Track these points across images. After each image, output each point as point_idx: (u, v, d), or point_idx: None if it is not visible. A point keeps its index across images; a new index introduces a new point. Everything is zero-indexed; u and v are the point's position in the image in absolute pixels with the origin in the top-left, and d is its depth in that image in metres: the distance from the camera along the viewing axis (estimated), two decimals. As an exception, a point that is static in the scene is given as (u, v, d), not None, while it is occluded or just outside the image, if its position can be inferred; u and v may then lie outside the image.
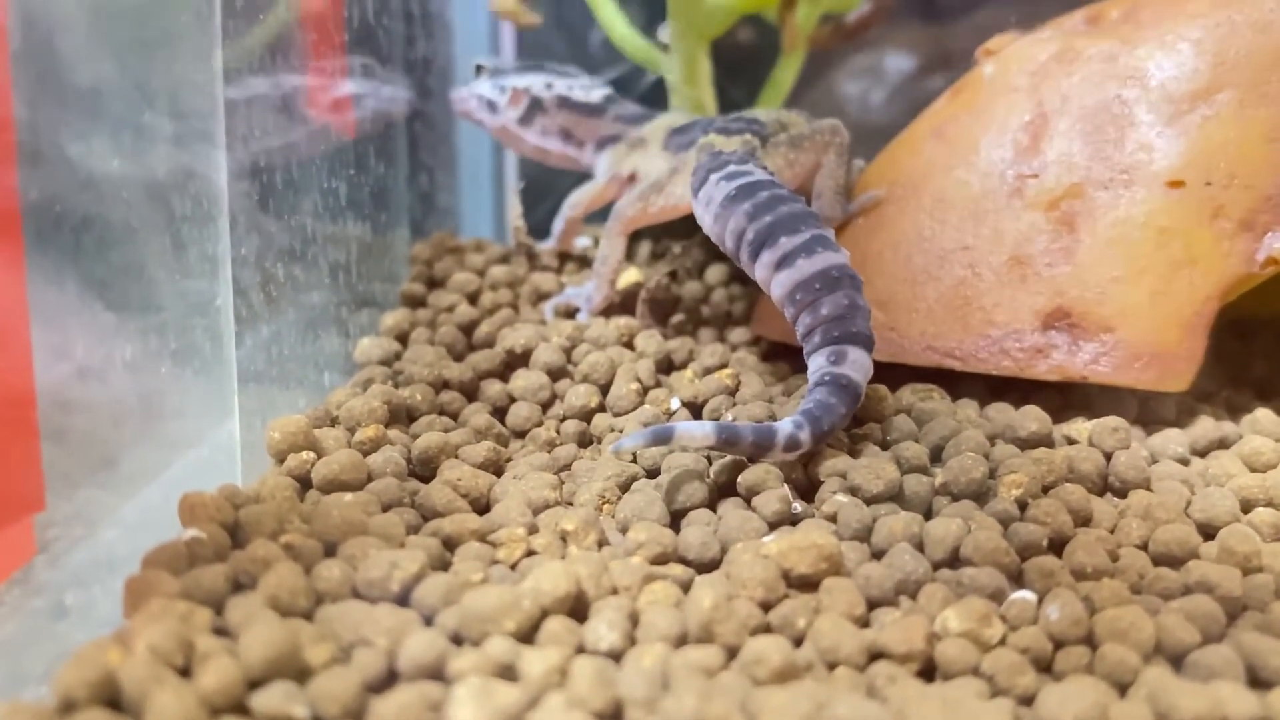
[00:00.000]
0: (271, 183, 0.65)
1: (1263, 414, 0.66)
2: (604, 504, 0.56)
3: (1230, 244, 0.64)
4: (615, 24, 0.89)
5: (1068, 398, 0.67)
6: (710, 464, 0.58)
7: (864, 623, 0.47)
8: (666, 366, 0.71)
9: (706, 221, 0.65)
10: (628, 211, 0.74)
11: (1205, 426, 0.65)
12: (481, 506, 0.56)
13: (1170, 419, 0.66)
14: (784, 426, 0.55)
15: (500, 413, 0.68)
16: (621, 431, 0.63)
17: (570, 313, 0.77)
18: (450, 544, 0.51)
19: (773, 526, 0.54)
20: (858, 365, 0.58)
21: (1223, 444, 0.64)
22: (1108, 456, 0.60)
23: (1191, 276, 0.64)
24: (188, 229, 0.61)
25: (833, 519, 0.53)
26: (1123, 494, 0.58)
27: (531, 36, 1.11)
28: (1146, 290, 0.64)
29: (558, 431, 0.65)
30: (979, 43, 0.80)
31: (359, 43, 0.78)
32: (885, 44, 1.15)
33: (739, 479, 0.56)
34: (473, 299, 0.80)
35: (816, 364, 0.58)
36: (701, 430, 0.54)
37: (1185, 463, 0.62)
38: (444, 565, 0.50)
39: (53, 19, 0.54)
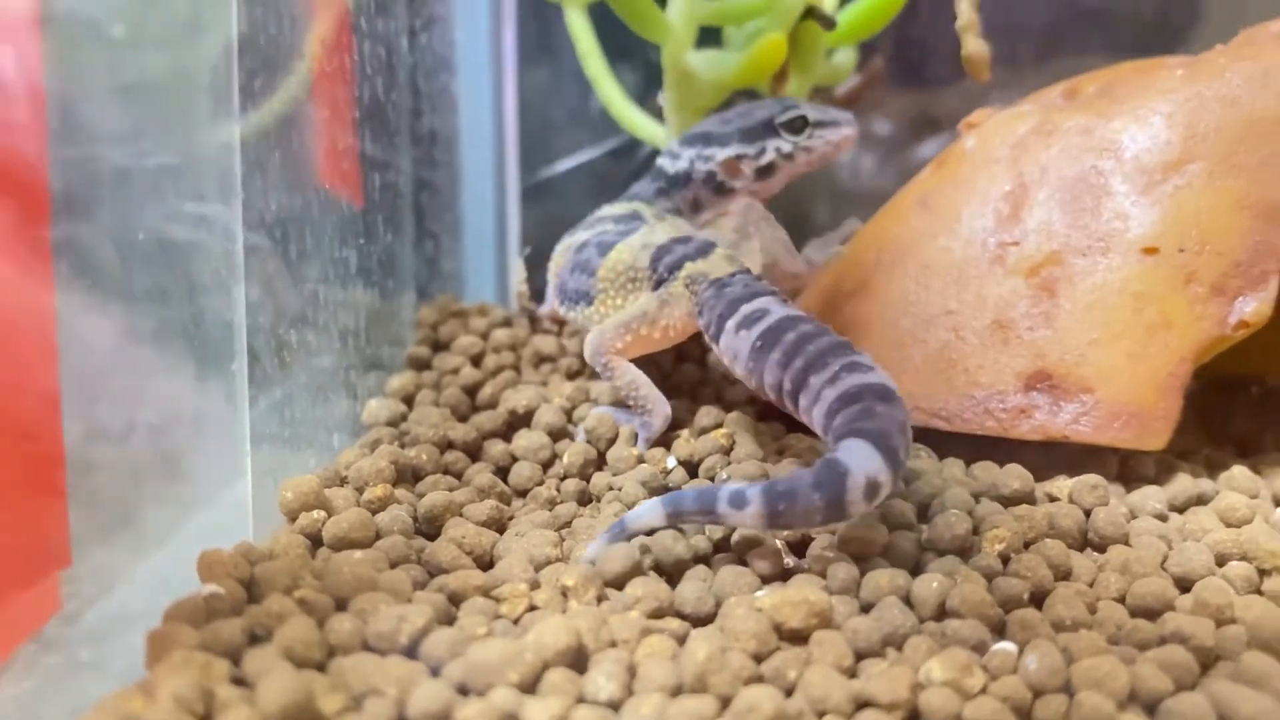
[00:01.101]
0: (286, 252, 0.68)
1: (1239, 471, 0.68)
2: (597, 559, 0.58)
3: (1203, 308, 0.67)
4: (614, 98, 0.93)
5: (1050, 456, 0.70)
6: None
7: (852, 673, 0.49)
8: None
9: (738, 372, 0.65)
10: (615, 343, 0.71)
11: (1184, 483, 0.67)
12: (485, 563, 0.58)
13: (1150, 476, 0.69)
14: (730, 485, 0.55)
15: (503, 472, 0.70)
16: (620, 490, 0.65)
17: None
18: (455, 599, 0.53)
19: (766, 581, 0.56)
20: (851, 450, 0.54)
21: (1200, 500, 0.66)
22: (1087, 513, 0.62)
23: (1166, 339, 0.67)
24: (206, 297, 0.64)
25: (823, 574, 0.56)
26: (1102, 549, 0.60)
27: (533, 103, 1.15)
28: (1124, 353, 0.67)
29: (558, 490, 0.67)
30: (964, 109, 0.84)
31: (369, 117, 0.81)
32: (874, 112, 1.19)
33: (733, 537, 0.58)
34: (476, 361, 0.82)
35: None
36: (649, 510, 0.56)
37: (1163, 519, 0.64)
38: (450, 619, 0.52)
39: (86, 100, 0.58)
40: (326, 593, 0.51)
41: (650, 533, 0.57)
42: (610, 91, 0.94)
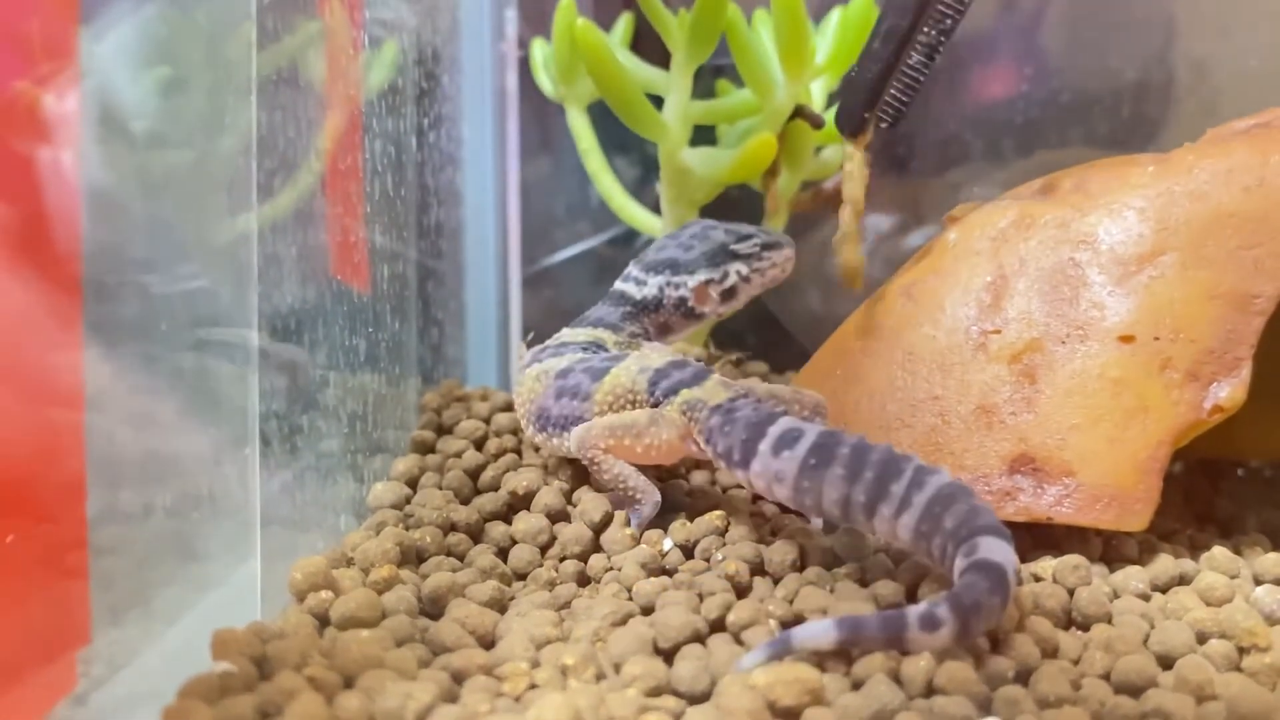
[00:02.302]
0: (299, 341, 0.71)
1: (1219, 551, 0.70)
2: (598, 640, 0.60)
3: (1179, 393, 0.70)
4: (613, 192, 0.97)
5: (1036, 537, 0.72)
6: (702, 600, 0.63)
7: (843, 749, 0.51)
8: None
9: (780, 494, 0.64)
10: (599, 445, 0.71)
11: (1165, 564, 0.69)
12: (488, 642, 0.60)
13: (1133, 557, 0.71)
14: (917, 607, 0.55)
15: (504, 552, 0.72)
16: (620, 571, 0.67)
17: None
18: (459, 677, 0.55)
19: (760, 659, 0.57)
20: (992, 547, 0.56)
21: (1182, 580, 0.68)
22: (1071, 592, 0.64)
23: (1145, 423, 0.70)
24: (222, 385, 0.66)
25: (815, 652, 0.57)
26: (1086, 627, 0.62)
27: (535, 196, 1.19)
28: (1103, 436, 0.70)
29: (557, 571, 0.69)
30: (948, 201, 0.87)
31: (378, 211, 0.85)
32: (867, 203, 1.22)
33: (729, 616, 0.60)
34: (479, 445, 0.85)
35: (956, 569, 0.57)
36: (822, 631, 0.54)
37: (1146, 598, 0.66)
38: (453, 697, 0.53)
39: (115, 193, 0.61)
40: (335, 670, 0.53)
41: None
42: (609, 186, 0.98)
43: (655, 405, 0.72)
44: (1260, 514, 0.83)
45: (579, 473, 0.78)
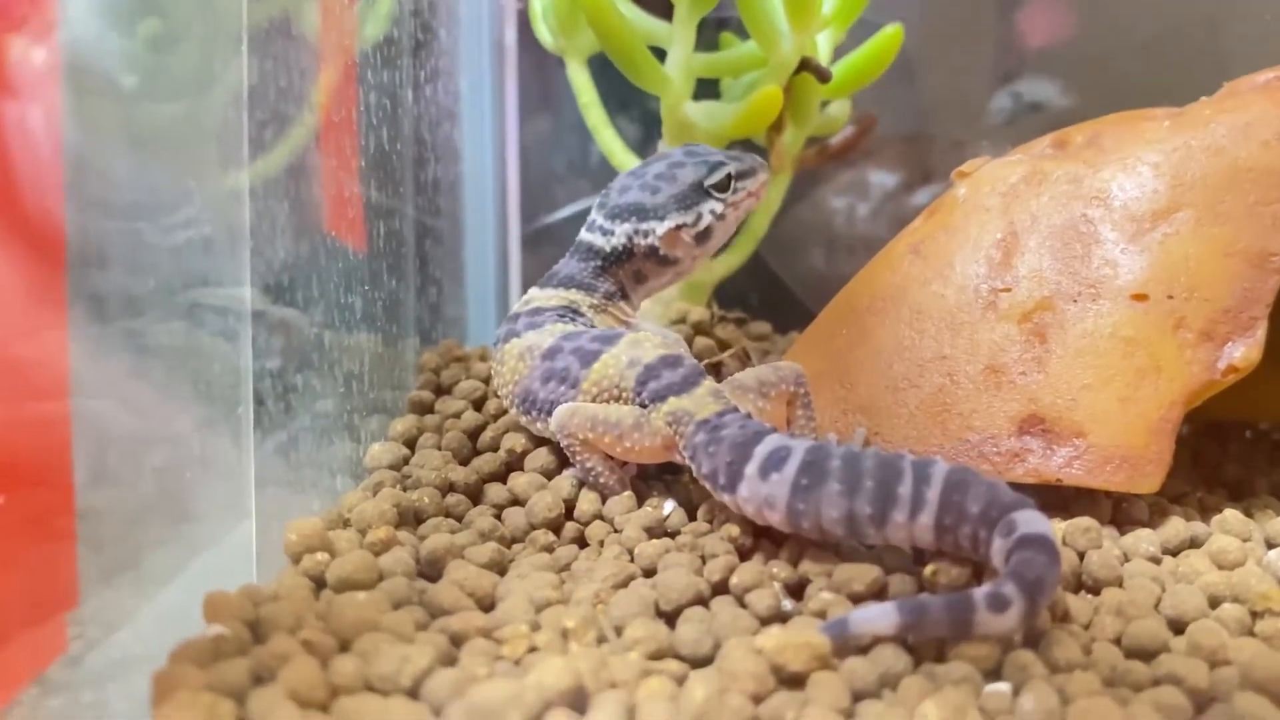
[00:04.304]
0: (293, 299, 0.69)
1: (1231, 514, 0.69)
2: (599, 602, 0.59)
3: (1192, 353, 0.68)
4: (614, 148, 0.95)
5: (1045, 500, 0.70)
6: (704, 563, 0.61)
7: (849, 714, 0.49)
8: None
9: (773, 519, 0.60)
10: (577, 434, 0.69)
11: (1176, 527, 0.68)
12: (487, 605, 0.59)
13: (1143, 519, 0.70)
14: (981, 589, 0.52)
15: (503, 513, 0.71)
16: (621, 533, 0.66)
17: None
18: (457, 640, 0.54)
19: (764, 622, 0.56)
20: (1029, 520, 0.54)
21: (1193, 543, 0.67)
22: (1081, 555, 0.63)
23: (1157, 384, 0.68)
24: (215, 342, 0.65)
25: (821, 615, 0.56)
26: (1096, 591, 0.61)
27: (534, 152, 1.17)
28: (1115, 397, 0.68)
29: (557, 534, 0.68)
30: (956, 160, 0.85)
31: (374, 166, 0.83)
32: (870, 161, 1.21)
33: (732, 579, 0.59)
34: (478, 405, 0.83)
35: (998, 550, 0.55)
36: (882, 616, 0.52)
37: (1156, 561, 0.65)
38: (451, 661, 0.52)
39: (100, 150, 0.59)
40: (330, 634, 0.52)
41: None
42: (610, 141, 0.96)
43: (642, 406, 0.68)
44: (1270, 477, 0.82)
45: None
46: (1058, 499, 0.70)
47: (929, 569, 0.58)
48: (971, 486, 0.57)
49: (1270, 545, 0.67)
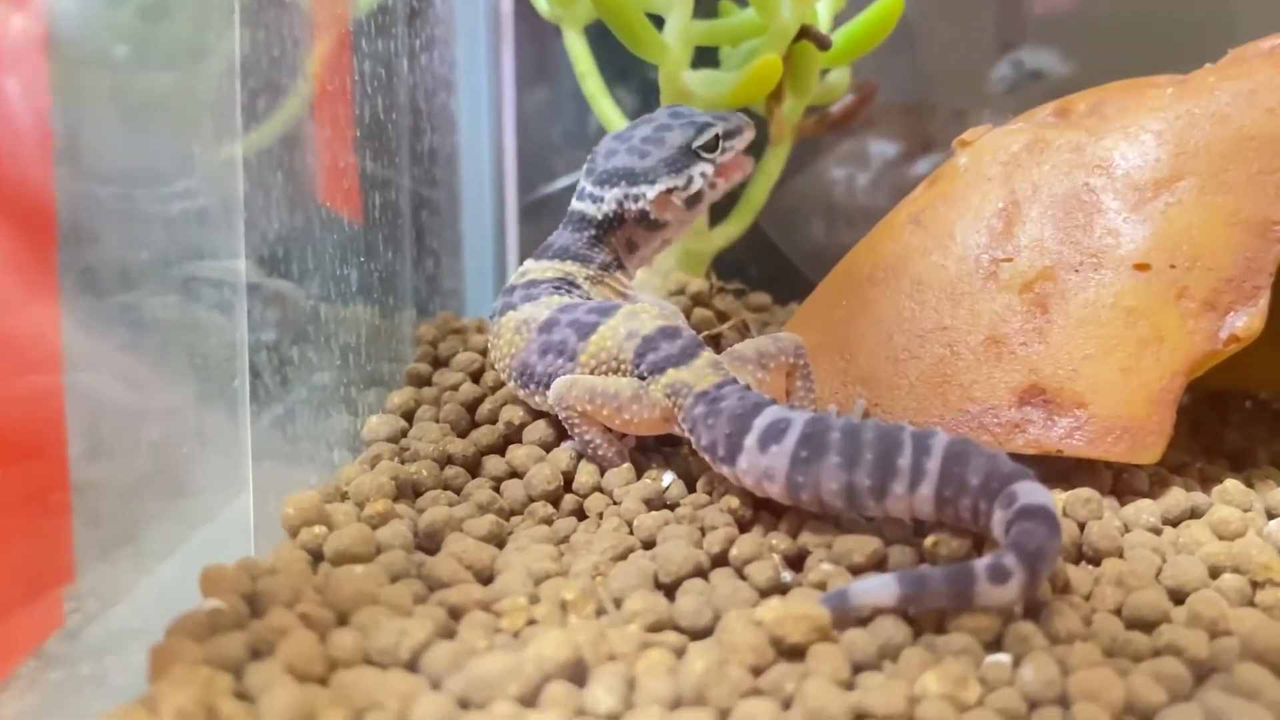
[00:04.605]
0: (288, 271, 0.69)
1: (1231, 484, 0.69)
2: (598, 574, 0.59)
3: (1195, 323, 0.68)
4: (611, 117, 0.94)
5: (1045, 470, 0.70)
6: (704, 535, 0.61)
7: (849, 686, 0.49)
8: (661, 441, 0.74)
9: (772, 490, 0.60)
10: (576, 406, 0.68)
11: (1177, 497, 0.68)
12: (485, 577, 0.59)
13: (1143, 490, 0.69)
14: (982, 561, 0.52)
15: (502, 486, 0.70)
16: (620, 504, 0.66)
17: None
18: (456, 613, 0.54)
19: (764, 594, 0.56)
20: (1029, 491, 0.54)
21: (1194, 514, 0.67)
22: (1081, 526, 0.63)
23: (1159, 354, 0.68)
24: (210, 315, 0.64)
25: (821, 587, 0.56)
26: (1096, 562, 0.61)
27: (532, 122, 1.16)
28: (1116, 367, 0.68)
29: (555, 506, 0.68)
30: (957, 129, 0.85)
31: (369, 136, 0.82)
32: (869, 131, 1.20)
33: (731, 551, 0.59)
34: (475, 377, 0.83)
35: (998, 522, 0.54)
36: (882, 588, 0.52)
37: (1157, 532, 0.65)
38: (450, 633, 0.52)
39: (90, 122, 0.58)
40: (328, 607, 0.52)
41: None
42: (608, 110, 0.95)
43: (640, 378, 0.68)
44: (1270, 447, 0.81)
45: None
46: (1058, 470, 0.70)
47: (929, 540, 0.58)
48: (971, 458, 0.56)
49: (1271, 515, 0.67)
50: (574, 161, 1.15)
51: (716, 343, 0.86)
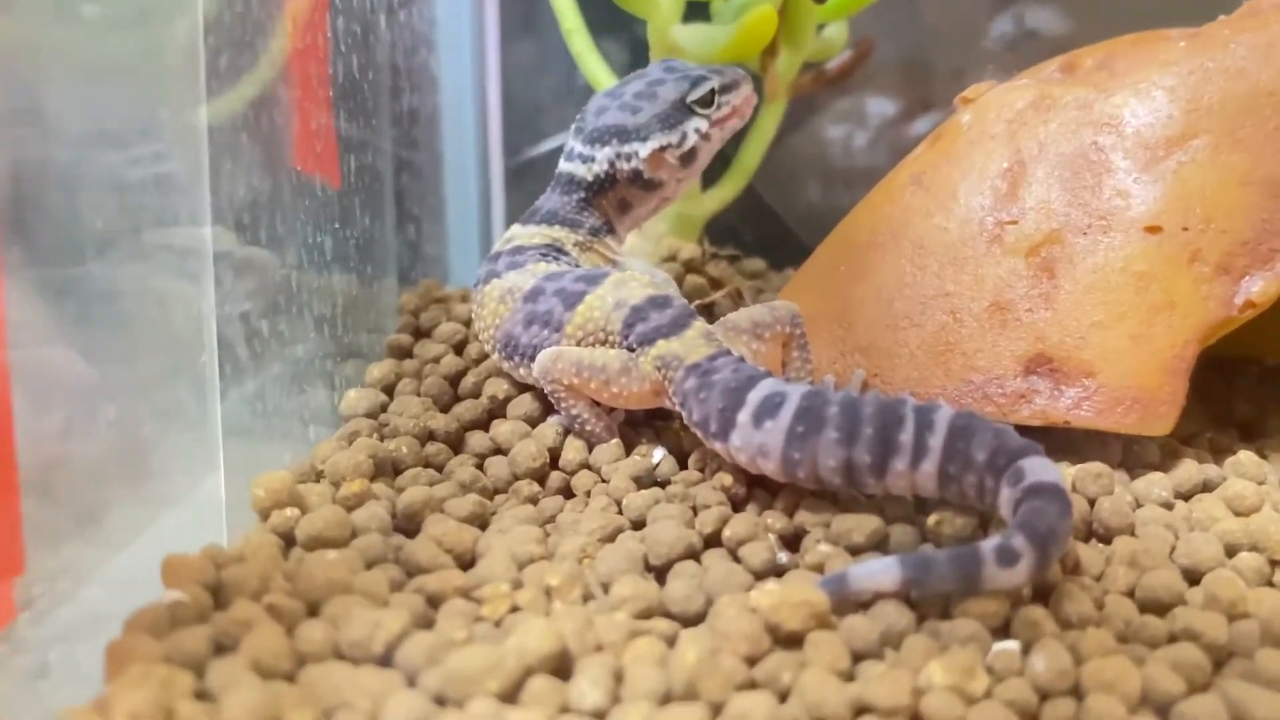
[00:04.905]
0: (257, 238, 0.65)
1: (1245, 456, 0.66)
2: (585, 557, 0.56)
3: (1208, 288, 0.65)
4: (600, 76, 0.90)
5: (1052, 442, 0.67)
6: (696, 514, 0.58)
7: (849, 676, 0.47)
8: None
9: (767, 467, 0.57)
10: (562, 379, 0.65)
11: (1189, 470, 0.65)
12: (466, 562, 0.56)
13: (1154, 462, 0.67)
14: (989, 542, 0.49)
15: (485, 463, 0.68)
16: (609, 484, 0.63)
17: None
18: (434, 601, 0.51)
19: (759, 577, 0.54)
20: (1038, 468, 0.51)
21: (1206, 487, 0.64)
22: (1091, 502, 0.60)
23: (1171, 320, 0.65)
24: (172, 285, 0.61)
25: (819, 569, 0.53)
26: (1107, 540, 0.58)
27: (517, 81, 1.12)
28: (1127, 334, 0.65)
29: (541, 484, 0.65)
30: (956, 87, 0.81)
31: (344, 96, 0.78)
32: (867, 89, 1.16)
33: (725, 531, 0.56)
34: (459, 349, 0.80)
35: (1005, 500, 0.52)
36: (883, 571, 0.49)
37: (1169, 507, 0.62)
38: (428, 623, 0.49)
39: (44, 81, 0.55)
40: (298, 597, 0.49)
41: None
42: (595, 69, 0.91)
43: (629, 349, 0.65)
44: (1281, 415, 0.79)
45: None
46: (1065, 441, 0.67)
47: (933, 519, 0.55)
48: (977, 432, 0.54)
49: (1287, 488, 0.64)
50: (561, 122, 1.11)
51: (709, 311, 0.82)
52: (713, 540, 0.57)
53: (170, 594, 0.48)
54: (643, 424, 0.70)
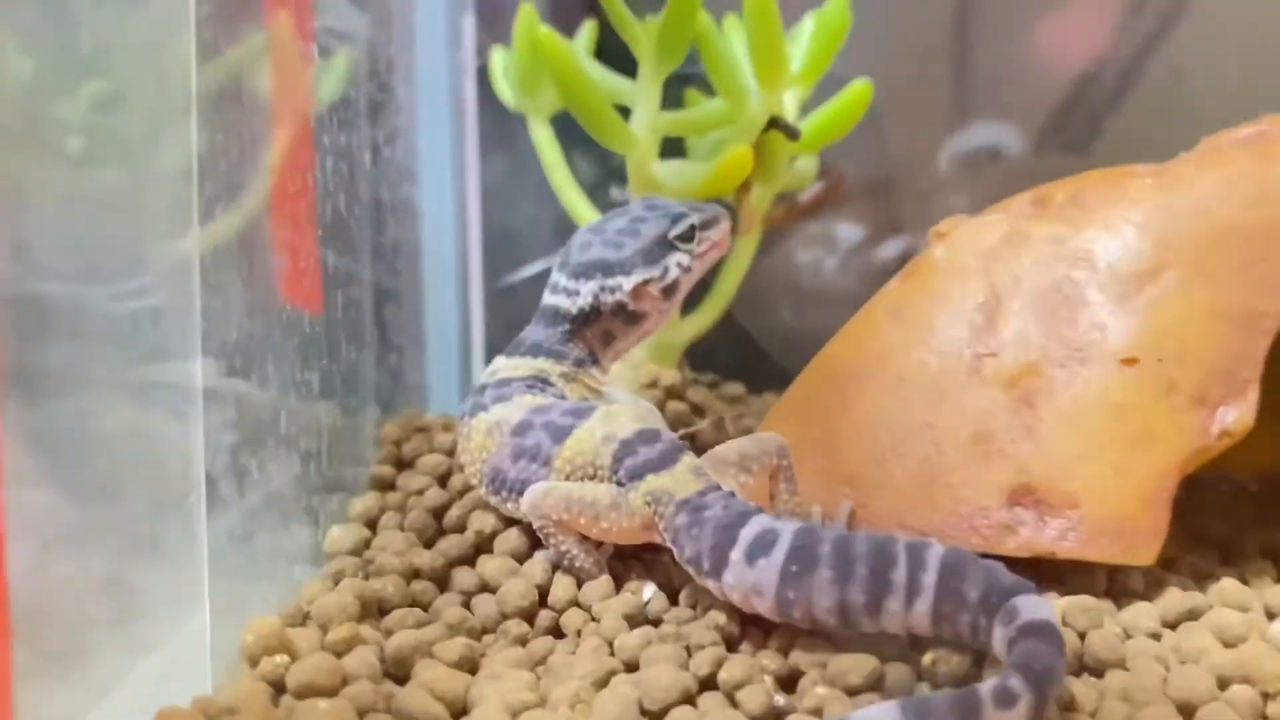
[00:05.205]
0: (247, 376, 0.65)
1: (1229, 584, 0.67)
2: (579, 702, 0.55)
3: (1185, 418, 0.66)
4: (578, 208, 0.92)
5: (1038, 570, 0.67)
6: (690, 655, 0.58)
7: (854, 827, 0.46)
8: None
9: (760, 606, 0.57)
10: (551, 515, 0.65)
11: (1174, 598, 0.65)
12: (458, 710, 0.55)
13: (1139, 590, 0.67)
14: (987, 684, 0.49)
15: (472, 601, 0.67)
16: (599, 622, 0.62)
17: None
18: (429, 755, 0.50)
19: (757, 723, 0.53)
20: (1031, 606, 0.52)
21: (1192, 615, 0.64)
22: (1081, 636, 0.60)
23: (1151, 451, 0.66)
24: (163, 430, 0.61)
25: (817, 714, 0.53)
26: (1099, 673, 0.58)
27: (496, 210, 1.14)
28: (1108, 465, 0.66)
29: (530, 624, 0.64)
30: (923, 210, 0.83)
31: (332, 233, 0.79)
32: (836, 214, 1.19)
33: (720, 674, 0.56)
34: (442, 481, 0.79)
35: (999, 639, 0.52)
36: (883, 715, 0.49)
37: (1157, 638, 0.62)
38: (424, 778, 0.49)
39: (29, 213, 0.55)
40: (291, 753, 0.48)
41: None
42: (575, 202, 0.94)
43: (619, 484, 0.65)
44: (1259, 536, 0.79)
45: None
46: (1051, 570, 0.67)
47: (928, 658, 0.55)
48: (969, 570, 0.54)
49: (1271, 615, 0.65)
50: (541, 249, 1.13)
51: (692, 440, 0.83)
52: (708, 682, 0.56)
53: (162, 753, 0.47)
54: (630, 557, 0.70)
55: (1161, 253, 0.69)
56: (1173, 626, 0.64)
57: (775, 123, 0.88)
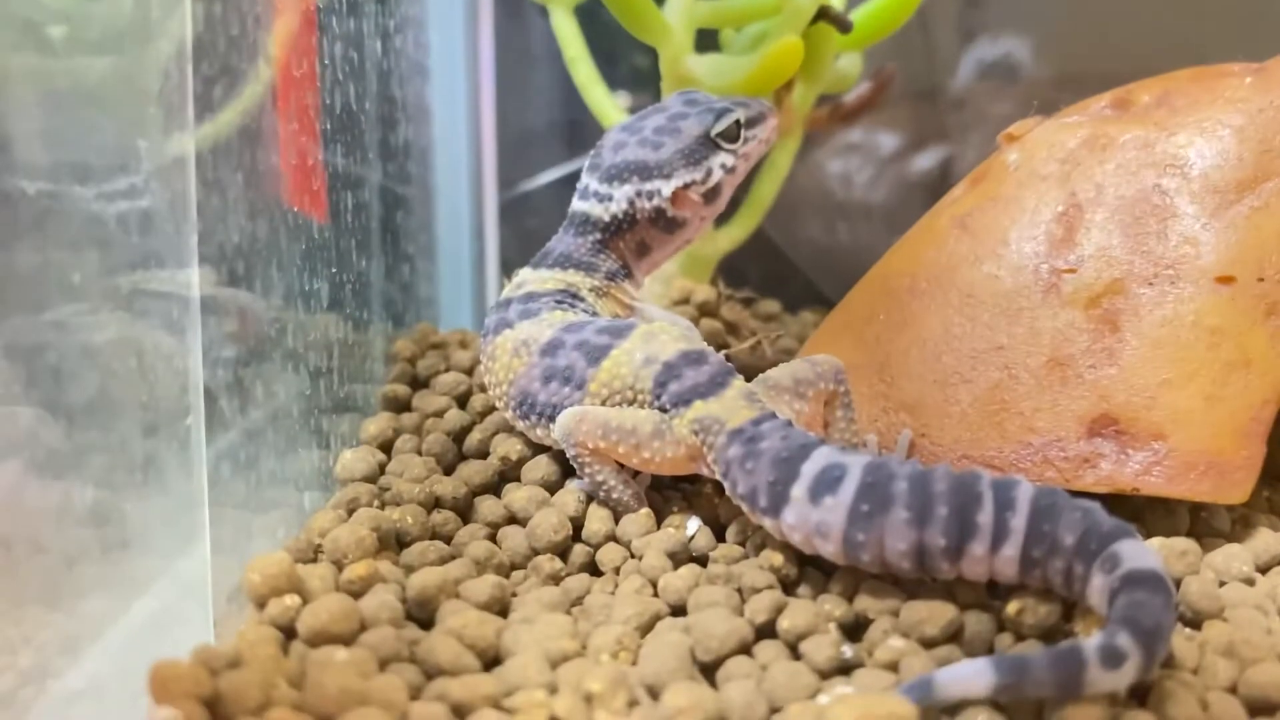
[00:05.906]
0: (249, 286, 0.59)
1: (1322, 524, 0.61)
2: (621, 650, 0.50)
3: (1286, 344, 0.60)
4: (605, 106, 0.85)
5: (1113, 509, 0.62)
6: (744, 599, 0.52)
7: (942, 800, 0.41)
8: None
9: (826, 549, 0.51)
10: (586, 442, 0.59)
11: (1265, 540, 0.60)
12: (490, 658, 0.49)
13: (1225, 531, 0.62)
14: (1092, 641, 0.44)
15: (499, 534, 0.61)
16: (640, 559, 0.57)
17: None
18: (461, 711, 0.45)
19: (824, 676, 0.48)
20: (1135, 553, 0.46)
21: (1284, 558, 0.59)
22: (1177, 583, 0.54)
23: (1246, 379, 0.60)
24: (156, 343, 0.54)
25: (892, 668, 0.48)
26: (1196, 624, 0.53)
27: (511, 113, 1.07)
28: (1199, 394, 0.60)
29: (564, 560, 0.59)
30: (959, 120, 0.76)
31: (340, 129, 0.72)
32: (867, 121, 1.11)
33: (781, 622, 0.50)
34: (462, 402, 0.73)
35: (1098, 588, 0.47)
36: (975, 675, 0.44)
37: (1250, 582, 0.57)
38: (455, 738, 0.43)
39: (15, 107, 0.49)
40: (307, 710, 0.42)
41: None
42: (601, 100, 0.86)
43: (662, 410, 0.59)
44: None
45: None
46: (1127, 507, 0.62)
47: (1013, 606, 0.50)
48: (1064, 513, 0.48)
49: (1367, 557, 0.59)
50: (558, 155, 1.06)
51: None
52: (766, 630, 0.51)
53: (161, 712, 0.41)
54: (669, 487, 0.64)
55: (1264, 159, 0.63)
56: (1263, 570, 0.59)
57: (824, 13, 0.80)
